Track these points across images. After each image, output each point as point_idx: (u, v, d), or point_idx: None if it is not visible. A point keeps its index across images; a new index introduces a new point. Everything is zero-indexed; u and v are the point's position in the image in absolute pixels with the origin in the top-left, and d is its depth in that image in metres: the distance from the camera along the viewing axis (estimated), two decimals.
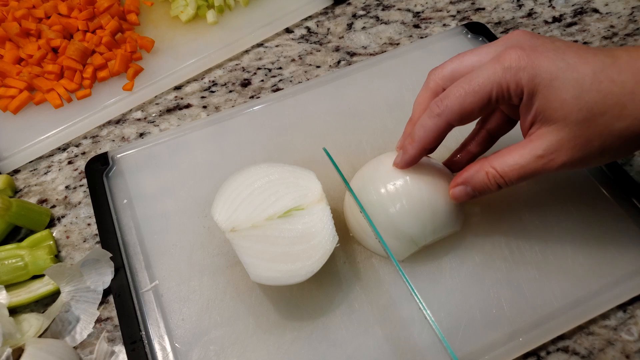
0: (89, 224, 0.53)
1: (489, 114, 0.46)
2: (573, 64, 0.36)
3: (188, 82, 0.65)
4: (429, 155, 0.45)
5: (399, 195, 0.43)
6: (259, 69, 0.66)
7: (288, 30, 0.71)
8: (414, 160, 0.43)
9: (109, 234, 0.50)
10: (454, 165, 0.48)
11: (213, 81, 0.65)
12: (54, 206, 0.55)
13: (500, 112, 0.45)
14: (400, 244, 0.44)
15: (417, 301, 0.41)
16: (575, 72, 0.36)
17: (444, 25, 0.70)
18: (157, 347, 0.44)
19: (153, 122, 0.62)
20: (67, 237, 0.52)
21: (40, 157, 0.59)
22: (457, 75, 0.41)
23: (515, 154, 0.39)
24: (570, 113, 0.36)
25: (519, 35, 0.40)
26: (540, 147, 0.38)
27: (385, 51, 0.67)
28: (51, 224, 0.53)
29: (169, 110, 0.63)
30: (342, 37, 0.70)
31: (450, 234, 0.46)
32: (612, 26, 0.69)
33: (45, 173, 0.58)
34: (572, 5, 0.72)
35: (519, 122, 0.42)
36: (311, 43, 0.69)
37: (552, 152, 0.37)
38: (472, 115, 0.39)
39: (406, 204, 0.43)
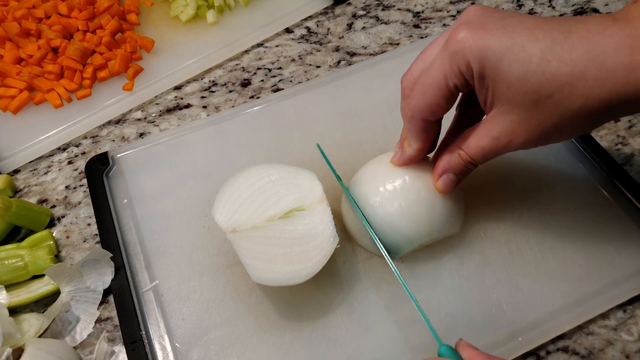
0: (89, 224, 0.53)
1: (466, 104, 0.45)
2: (520, 43, 0.34)
3: (188, 82, 0.65)
4: (428, 155, 0.45)
5: (397, 195, 0.43)
6: (259, 69, 0.66)
7: (288, 30, 0.71)
8: (411, 159, 0.43)
9: (109, 234, 0.50)
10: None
11: (213, 81, 0.65)
12: (54, 206, 0.55)
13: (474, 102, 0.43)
14: (396, 242, 0.44)
15: (406, 291, 0.42)
16: (522, 52, 0.34)
17: (444, 25, 0.70)
18: (157, 346, 0.44)
19: (153, 122, 0.62)
20: (67, 237, 0.52)
21: (40, 157, 0.59)
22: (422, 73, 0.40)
23: (476, 136, 0.38)
24: (516, 96, 0.35)
25: (471, 11, 0.38)
26: (495, 129, 0.37)
27: (385, 51, 0.67)
28: (51, 224, 0.53)
29: (169, 110, 0.63)
30: (342, 37, 0.70)
31: (448, 235, 0.46)
32: None
33: (45, 173, 0.58)
34: (572, 5, 0.72)
35: None
36: (311, 43, 0.69)
37: (507, 135, 0.37)
38: (440, 106, 0.39)
39: (404, 204, 0.43)
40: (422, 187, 0.43)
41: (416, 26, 0.70)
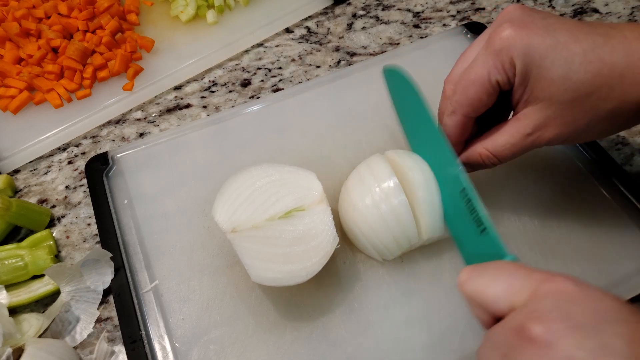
0: (89, 224, 0.53)
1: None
2: (564, 42, 0.35)
3: (188, 82, 0.65)
4: None
5: (384, 197, 0.43)
6: (259, 69, 0.67)
7: (288, 30, 0.71)
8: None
9: (108, 234, 0.50)
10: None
11: (213, 81, 0.65)
12: (54, 206, 0.55)
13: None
14: (386, 245, 0.44)
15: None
16: (565, 51, 0.35)
17: (444, 25, 0.70)
18: (157, 346, 0.44)
19: (153, 122, 0.62)
20: (67, 237, 0.53)
21: (40, 157, 0.59)
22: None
23: (506, 133, 0.39)
24: (556, 92, 0.36)
25: (511, 11, 0.39)
26: (529, 126, 0.38)
27: (385, 51, 0.67)
28: (51, 224, 0.53)
29: (169, 110, 0.63)
30: (342, 37, 0.70)
31: (442, 237, 0.46)
32: None
33: (45, 173, 0.58)
34: (572, 5, 0.72)
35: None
36: (311, 43, 0.69)
37: (539, 129, 0.38)
38: (482, 102, 0.40)
39: (392, 206, 0.43)
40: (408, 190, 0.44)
41: (416, 26, 0.70)
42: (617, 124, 0.37)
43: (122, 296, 0.47)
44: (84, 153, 0.59)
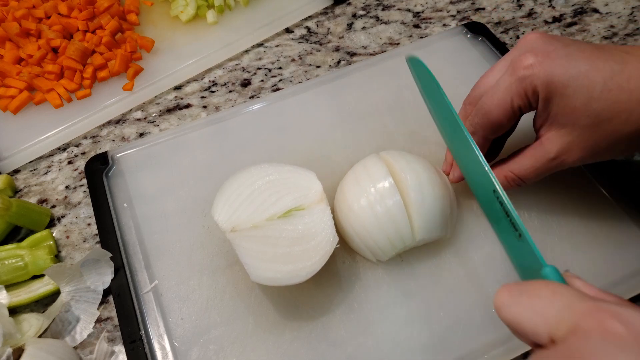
0: (89, 224, 0.53)
1: None
2: (585, 72, 0.37)
3: (188, 82, 0.65)
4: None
5: (379, 198, 0.44)
6: (259, 69, 0.67)
7: (288, 30, 0.71)
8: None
9: (108, 234, 0.50)
10: (457, 172, 0.49)
11: (213, 81, 0.65)
12: (54, 206, 0.55)
13: None
14: (380, 246, 0.45)
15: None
16: (586, 80, 0.37)
17: (444, 25, 0.70)
18: (156, 346, 0.44)
19: (153, 122, 0.62)
20: (67, 237, 0.53)
21: (40, 157, 0.59)
22: (482, 95, 0.43)
23: (531, 157, 0.42)
24: (579, 119, 0.38)
25: (532, 39, 0.41)
26: (553, 150, 0.40)
27: (385, 51, 0.67)
28: (51, 224, 0.53)
29: (169, 110, 0.63)
30: (342, 37, 0.70)
31: (437, 239, 0.46)
32: (612, 26, 0.69)
33: (45, 173, 0.58)
34: (572, 5, 0.72)
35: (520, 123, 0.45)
36: (311, 43, 0.69)
37: (563, 154, 0.40)
38: (503, 125, 0.42)
39: (387, 207, 0.43)
40: (404, 192, 0.44)
41: (416, 26, 0.70)
42: (637, 144, 0.39)
43: (122, 296, 0.47)
44: (84, 153, 0.59)
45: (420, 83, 0.47)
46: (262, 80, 0.65)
